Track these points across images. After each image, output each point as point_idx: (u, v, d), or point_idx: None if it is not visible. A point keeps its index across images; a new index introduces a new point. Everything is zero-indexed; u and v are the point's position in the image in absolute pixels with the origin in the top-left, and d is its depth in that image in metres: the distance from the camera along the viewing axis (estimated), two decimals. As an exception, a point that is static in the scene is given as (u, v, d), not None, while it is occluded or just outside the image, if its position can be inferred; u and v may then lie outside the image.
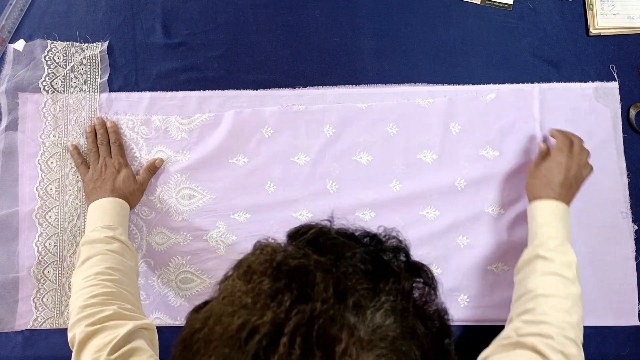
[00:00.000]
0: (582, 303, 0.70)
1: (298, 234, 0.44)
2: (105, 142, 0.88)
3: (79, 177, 0.90)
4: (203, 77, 0.92)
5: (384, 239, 0.45)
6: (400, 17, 0.94)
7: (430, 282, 0.44)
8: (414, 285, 0.43)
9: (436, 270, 0.88)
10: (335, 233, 0.44)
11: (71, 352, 0.89)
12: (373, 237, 0.45)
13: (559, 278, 0.70)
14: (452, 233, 0.88)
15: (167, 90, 0.92)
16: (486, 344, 0.88)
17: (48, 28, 0.93)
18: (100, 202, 0.81)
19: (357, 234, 0.45)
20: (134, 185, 0.86)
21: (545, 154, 0.83)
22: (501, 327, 0.87)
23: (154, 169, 0.88)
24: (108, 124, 0.89)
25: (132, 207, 0.86)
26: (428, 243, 0.88)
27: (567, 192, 0.78)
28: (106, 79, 0.92)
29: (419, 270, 0.44)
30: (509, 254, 0.88)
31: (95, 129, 0.88)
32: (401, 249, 0.45)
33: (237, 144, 0.90)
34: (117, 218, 0.80)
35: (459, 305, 0.87)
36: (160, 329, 0.88)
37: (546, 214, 0.76)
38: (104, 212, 0.80)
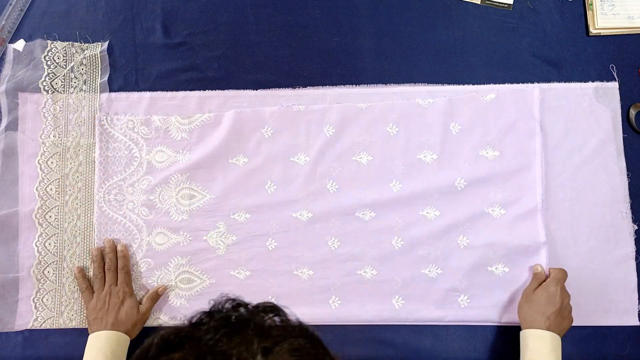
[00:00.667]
0: None
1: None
2: (113, 268, 0.86)
3: (79, 177, 0.90)
4: (203, 77, 0.92)
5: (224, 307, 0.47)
6: (400, 17, 0.94)
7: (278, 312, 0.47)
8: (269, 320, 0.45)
9: (436, 271, 0.88)
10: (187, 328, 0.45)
11: (71, 351, 0.89)
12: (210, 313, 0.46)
13: None
14: (452, 233, 0.88)
15: (167, 90, 0.92)
16: (486, 344, 0.88)
17: (48, 28, 0.93)
18: (98, 336, 0.80)
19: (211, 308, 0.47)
20: (137, 317, 0.83)
21: (541, 279, 0.84)
22: (501, 328, 0.88)
23: (157, 297, 0.87)
24: (119, 248, 0.87)
25: (132, 337, 0.83)
26: (428, 243, 0.88)
27: (561, 323, 0.79)
28: (106, 79, 0.92)
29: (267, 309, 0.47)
30: (509, 255, 0.87)
31: (102, 253, 0.87)
32: (241, 304, 0.47)
33: (237, 144, 0.90)
34: (111, 357, 0.78)
35: (459, 306, 0.87)
36: (160, 329, 0.88)
37: (541, 346, 0.77)
38: (99, 349, 0.78)
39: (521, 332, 0.81)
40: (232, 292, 0.88)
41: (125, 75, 0.92)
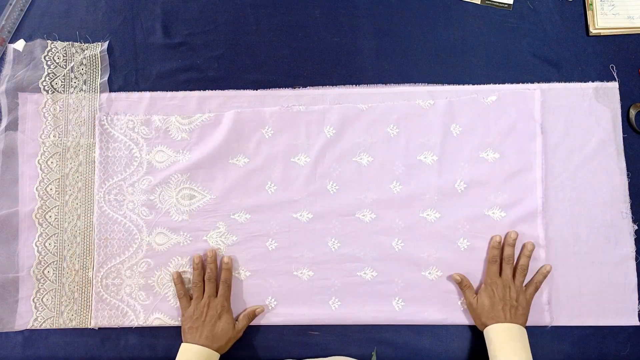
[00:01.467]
0: None
1: None
2: (214, 279, 0.85)
3: (79, 177, 0.90)
4: (203, 77, 0.92)
5: None
6: (400, 17, 0.94)
7: None
8: None
9: (436, 273, 0.88)
10: None
11: (71, 352, 0.89)
12: None
13: None
14: (453, 235, 0.88)
15: (167, 90, 0.92)
16: (485, 343, 0.88)
17: (48, 28, 0.93)
18: (191, 349, 0.79)
19: None
20: (231, 333, 0.82)
21: (467, 287, 0.85)
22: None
23: (253, 316, 0.86)
24: (224, 260, 0.86)
25: (222, 352, 0.82)
26: (429, 245, 0.88)
27: (515, 314, 0.81)
28: (106, 79, 0.92)
29: None
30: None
31: (202, 262, 0.87)
32: None
33: (238, 145, 0.90)
34: None
35: (459, 308, 0.87)
36: (160, 329, 0.89)
37: (501, 338, 0.79)
38: None
39: (484, 332, 0.82)
40: (232, 292, 0.89)
41: (125, 75, 0.92)
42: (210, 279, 0.85)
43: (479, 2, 0.94)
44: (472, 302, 0.84)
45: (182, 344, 0.81)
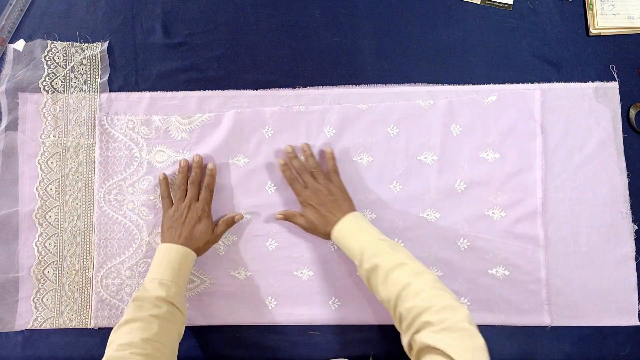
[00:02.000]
0: (421, 267, 0.71)
1: None
2: (197, 183, 0.86)
3: (79, 177, 0.90)
4: (203, 77, 0.92)
5: None
6: (400, 17, 0.94)
7: None
8: None
9: (437, 273, 0.88)
10: None
11: (71, 351, 0.89)
12: None
13: (393, 273, 0.71)
14: (453, 235, 0.88)
15: (167, 90, 0.92)
16: (486, 344, 0.88)
17: (48, 28, 0.93)
18: (169, 248, 0.80)
19: None
20: (209, 237, 0.84)
21: (292, 215, 0.87)
22: (501, 328, 0.88)
23: (232, 223, 0.88)
24: (209, 167, 0.87)
25: (200, 254, 0.84)
26: (428, 245, 0.88)
27: (338, 206, 0.82)
28: (106, 79, 0.92)
29: None
30: (509, 258, 0.87)
31: (189, 166, 0.88)
32: None
33: (238, 145, 0.90)
34: (178, 272, 0.78)
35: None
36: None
37: (343, 235, 0.79)
38: (168, 262, 0.79)
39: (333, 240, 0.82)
40: (233, 292, 0.89)
41: (125, 75, 0.92)
42: (193, 182, 0.86)
43: (479, 2, 0.94)
44: (304, 224, 0.86)
45: (161, 245, 0.82)
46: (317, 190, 0.84)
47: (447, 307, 0.64)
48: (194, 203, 0.85)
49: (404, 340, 0.67)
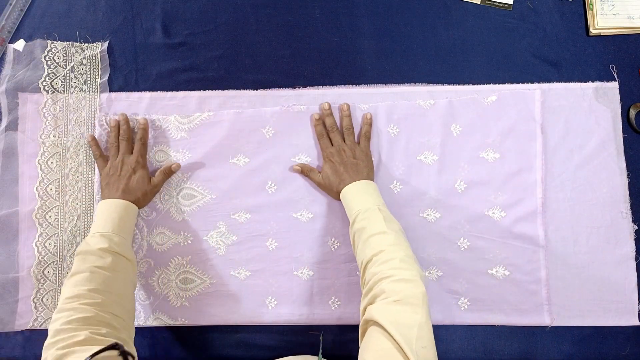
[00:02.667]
0: (403, 242, 0.72)
1: None
2: (126, 138, 0.87)
3: (79, 177, 0.90)
4: (203, 77, 0.92)
5: None
6: (400, 17, 0.94)
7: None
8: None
9: (437, 273, 0.88)
10: None
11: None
12: None
13: (374, 238, 0.72)
14: (453, 235, 0.88)
15: (167, 90, 0.92)
16: (486, 344, 0.88)
17: (48, 28, 0.93)
18: (108, 203, 0.81)
19: None
20: (147, 187, 0.85)
21: (310, 170, 0.88)
22: (501, 328, 0.88)
23: (170, 172, 0.89)
24: (141, 120, 0.88)
25: (141, 207, 0.86)
26: (428, 245, 0.88)
27: (357, 170, 0.84)
28: (106, 79, 0.92)
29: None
30: (509, 258, 0.87)
31: (119, 124, 0.89)
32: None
33: (238, 144, 0.90)
34: (119, 223, 0.79)
35: (459, 309, 0.87)
36: (160, 329, 0.89)
37: (347, 198, 0.81)
38: (108, 216, 0.79)
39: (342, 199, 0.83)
40: (233, 292, 0.89)
41: (125, 75, 0.92)
42: (123, 138, 0.87)
43: (479, 2, 0.94)
44: (319, 180, 0.87)
45: (100, 202, 0.83)
46: (342, 149, 0.85)
47: (406, 280, 0.65)
48: (127, 157, 0.86)
49: (362, 304, 0.68)
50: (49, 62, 0.92)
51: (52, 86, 0.91)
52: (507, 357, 0.86)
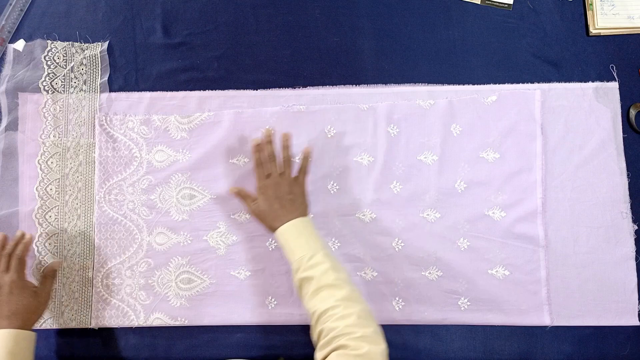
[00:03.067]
0: (357, 296, 0.71)
1: None
2: (5, 254, 0.80)
3: (79, 177, 0.90)
4: (203, 77, 0.92)
5: None
6: (400, 17, 0.94)
7: None
8: None
9: (436, 273, 0.88)
10: None
11: (71, 352, 0.89)
12: None
13: (325, 291, 0.71)
14: (453, 235, 0.88)
15: (167, 90, 0.92)
16: (486, 344, 0.88)
17: (48, 28, 0.93)
18: None
19: None
20: (32, 301, 0.78)
21: (246, 196, 0.85)
22: (501, 328, 0.88)
23: (54, 272, 0.85)
24: (26, 236, 0.82)
25: (31, 327, 0.77)
26: (428, 245, 0.88)
27: (294, 207, 0.80)
28: (106, 79, 0.92)
29: None
30: (509, 258, 0.87)
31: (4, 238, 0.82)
32: None
33: (238, 144, 0.90)
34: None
35: (459, 309, 0.87)
36: (160, 329, 0.89)
37: (288, 237, 0.78)
38: None
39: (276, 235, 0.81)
40: (233, 292, 0.89)
41: (125, 75, 0.92)
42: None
43: (479, 2, 0.94)
44: (253, 210, 0.84)
45: None
46: (278, 182, 0.82)
47: (367, 337, 0.66)
48: (2, 276, 0.78)
49: (319, 355, 0.67)
50: (49, 62, 0.92)
51: (52, 86, 0.91)
52: (507, 357, 0.86)
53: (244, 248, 0.89)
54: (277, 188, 0.81)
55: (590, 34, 0.93)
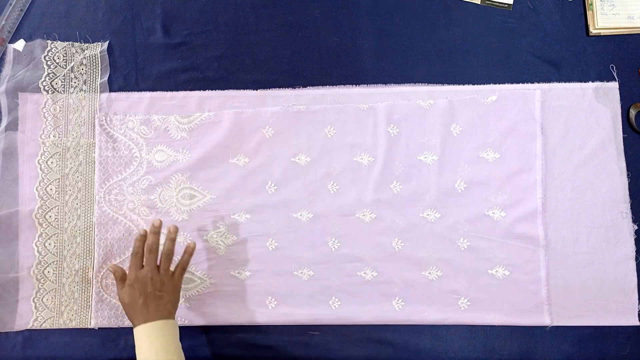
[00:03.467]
0: None
1: None
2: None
3: (79, 177, 0.90)
4: (203, 77, 0.92)
5: None
6: (400, 17, 0.94)
7: None
8: None
9: (437, 273, 0.88)
10: None
11: (71, 352, 0.89)
12: None
13: None
14: (453, 235, 0.88)
15: (167, 90, 0.92)
16: (486, 344, 0.88)
17: (48, 28, 0.93)
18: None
19: None
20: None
21: (120, 278, 0.80)
22: (501, 328, 0.88)
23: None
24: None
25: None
26: (428, 245, 0.88)
27: (159, 306, 0.76)
28: (106, 79, 0.92)
29: None
30: (509, 258, 0.87)
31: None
32: None
33: (238, 144, 0.90)
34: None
35: (459, 309, 0.87)
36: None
37: (143, 340, 0.74)
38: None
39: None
40: (233, 292, 0.89)
41: (125, 75, 0.92)
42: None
43: (479, 2, 0.94)
44: (120, 295, 0.79)
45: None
46: (149, 278, 0.77)
47: None
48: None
49: None
50: (49, 62, 0.92)
51: (52, 86, 0.91)
52: (507, 357, 0.86)
53: (244, 248, 0.89)
54: (146, 283, 0.77)
55: (590, 34, 0.93)
